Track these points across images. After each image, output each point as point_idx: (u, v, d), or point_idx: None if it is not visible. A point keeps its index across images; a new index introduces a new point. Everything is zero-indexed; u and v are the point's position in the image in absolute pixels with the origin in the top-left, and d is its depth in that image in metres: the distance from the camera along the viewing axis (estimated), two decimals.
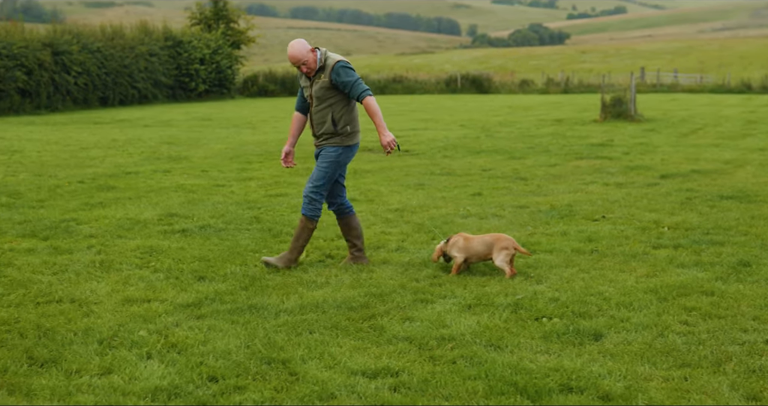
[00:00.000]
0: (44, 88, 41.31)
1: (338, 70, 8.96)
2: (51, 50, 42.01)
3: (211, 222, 11.68)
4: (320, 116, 9.12)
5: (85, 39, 44.46)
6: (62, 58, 42.45)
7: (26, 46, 40.67)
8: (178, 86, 50.46)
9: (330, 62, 9.01)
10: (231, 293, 8.20)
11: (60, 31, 44.02)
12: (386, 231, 10.99)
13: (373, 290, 8.21)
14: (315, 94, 9.09)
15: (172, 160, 19.24)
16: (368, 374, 6.15)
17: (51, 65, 41.69)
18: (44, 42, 42.10)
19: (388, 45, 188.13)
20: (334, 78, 8.98)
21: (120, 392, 5.82)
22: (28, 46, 40.79)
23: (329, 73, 8.98)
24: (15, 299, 8.08)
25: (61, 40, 42.80)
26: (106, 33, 46.81)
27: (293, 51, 8.97)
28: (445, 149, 20.41)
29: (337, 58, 9.07)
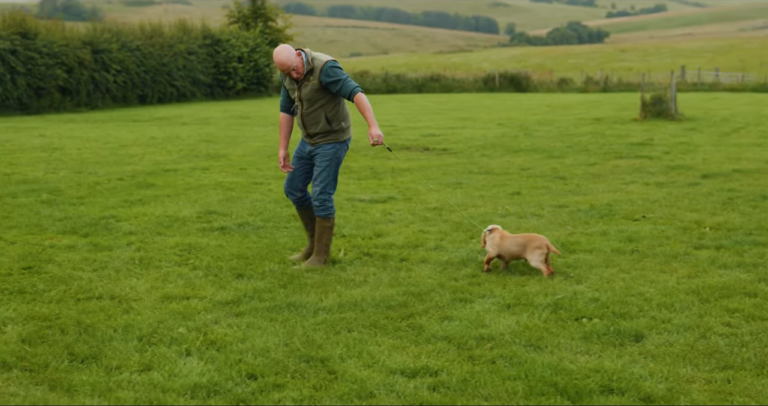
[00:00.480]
0: (84, 86, 41.58)
1: (327, 70, 8.94)
2: (91, 48, 42.28)
3: (250, 220, 11.71)
4: (313, 117, 9.12)
5: (125, 37, 44.70)
6: (102, 56, 42.72)
7: (66, 44, 40.96)
8: (216, 84, 50.62)
9: (318, 64, 8.97)
10: (269, 291, 8.21)
11: (100, 30, 44.27)
12: (424, 230, 10.96)
13: (411, 289, 8.19)
14: (305, 97, 9.06)
15: (210, 157, 19.30)
16: (407, 373, 6.13)
17: (91, 63, 41.97)
18: (84, 40, 42.37)
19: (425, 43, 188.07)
20: (324, 79, 8.95)
21: (159, 389, 5.84)
22: (69, 45, 41.08)
23: (318, 75, 8.95)
24: (56, 296, 8.13)
25: (101, 39, 43.06)
26: (145, 31, 47.02)
27: (281, 58, 8.86)
28: (483, 148, 20.35)
29: (324, 58, 9.04)
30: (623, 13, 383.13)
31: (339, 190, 14.10)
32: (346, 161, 18.02)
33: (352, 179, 15.43)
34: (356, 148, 20.41)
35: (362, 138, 23.02)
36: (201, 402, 5.67)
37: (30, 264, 9.40)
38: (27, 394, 5.79)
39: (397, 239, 10.38)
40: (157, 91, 46.08)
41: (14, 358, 6.44)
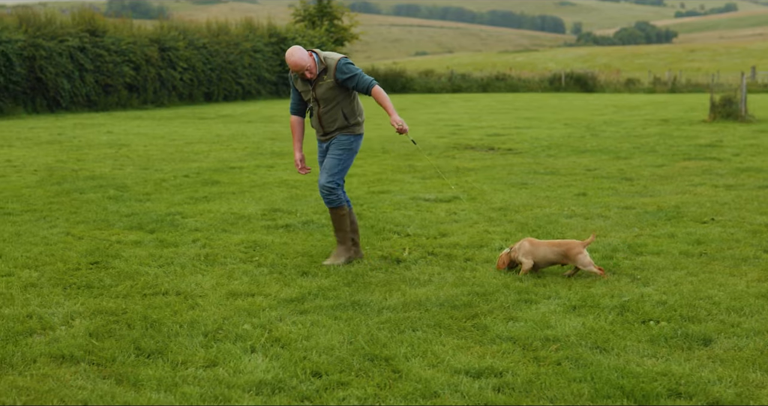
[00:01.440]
0: (151, 84, 42.03)
1: (341, 68, 8.94)
2: (158, 46, 42.72)
3: (314, 218, 11.73)
4: (330, 116, 9.12)
5: (191, 35, 45.10)
6: (168, 54, 43.14)
7: (134, 42, 41.43)
8: (282, 82, 50.86)
9: (331, 62, 8.96)
10: (334, 289, 8.21)
11: (167, 28, 44.72)
12: (489, 230, 10.89)
13: (476, 289, 8.14)
14: (321, 97, 9.04)
15: (275, 155, 19.39)
16: (472, 373, 6.09)
17: (158, 61, 42.40)
18: (151, 38, 42.82)
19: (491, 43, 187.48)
20: (339, 76, 8.94)
21: (225, 385, 5.86)
22: (136, 42, 41.54)
23: (333, 73, 8.95)
24: (122, 291, 8.21)
25: (168, 37, 43.49)
26: (212, 29, 47.40)
27: (296, 59, 8.81)
28: (549, 148, 20.21)
29: (336, 56, 9.03)
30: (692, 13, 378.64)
31: (404, 189, 14.09)
32: (411, 160, 18.00)
33: (417, 178, 15.40)
34: (421, 147, 20.38)
35: (426, 137, 22.98)
36: (266, 399, 5.68)
37: (97, 259, 9.51)
38: (94, 387, 5.84)
39: (462, 239, 10.34)
40: (222, 88, 46.43)
41: (82, 351, 6.51)
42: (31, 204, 13.02)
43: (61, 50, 37.98)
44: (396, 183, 14.86)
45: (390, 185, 14.61)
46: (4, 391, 5.77)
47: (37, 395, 5.70)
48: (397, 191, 13.93)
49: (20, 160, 18.61)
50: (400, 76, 56.54)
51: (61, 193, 14.00)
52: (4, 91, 36.03)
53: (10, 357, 6.38)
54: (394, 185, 14.61)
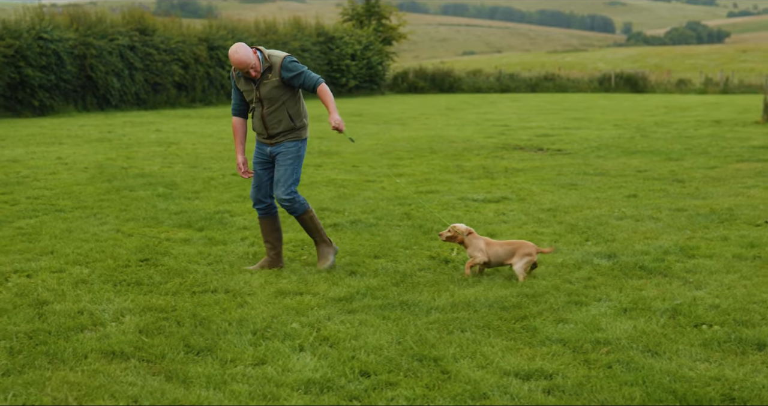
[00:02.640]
0: (199, 82, 42.25)
1: (287, 65, 8.68)
2: (206, 45, 42.93)
3: (362, 217, 11.72)
4: (275, 117, 8.82)
5: (240, 34, 45.27)
6: (217, 52, 43.34)
7: (183, 41, 41.67)
8: (329, 81, 50.88)
9: (276, 60, 8.69)
10: (382, 289, 8.19)
11: (215, 27, 44.92)
12: (538, 231, 10.82)
13: (525, 291, 8.08)
14: (266, 96, 8.75)
15: (323, 154, 19.42)
16: (521, 375, 6.05)
17: (206, 60, 42.61)
18: (200, 37, 43.04)
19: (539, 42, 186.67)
20: (285, 75, 8.67)
21: (273, 383, 5.87)
22: (185, 41, 41.78)
23: (278, 72, 8.67)
24: (172, 288, 8.25)
25: (217, 36, 43.69)
26: (260, 28, 47.57)
27: (240, 56, 8.50)
28: (599, 149, 20.05)
29: (281, 54, 8.75)
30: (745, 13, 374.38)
31: (451, 189, 14.05)
32: (459, 160, 17.95)
33: (465, 178, 15.35)
34: (469, 147, 20.33)
35: (474, 137, 22.92)
36: (314, 398, 5.68)
37: (147, 256, 9.56)
38: (144, 384, 5.87)
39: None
40: None
41: (132, 348, 6.54)
42: (82, 201, 13.13)
43: (111, 49, 38.29)
44: (444, 183, 14.82)
45: (438, 185, 14.56)
46: (56, 386, 5.81)
47: (88, 391, 5.74)
48: (445, 191, 13.88)
49: (71, 158, 18.78)
50: (447, 76, 56.39)
51: (111, 191, 14.11)
52: (56, 89, 36.39)
53: (61, 353, 6.43)
54: (442, 185, 14.56)
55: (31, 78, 35.04)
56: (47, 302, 7.78)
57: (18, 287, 8.25)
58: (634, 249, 9.72)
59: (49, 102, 35.97)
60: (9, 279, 8.58)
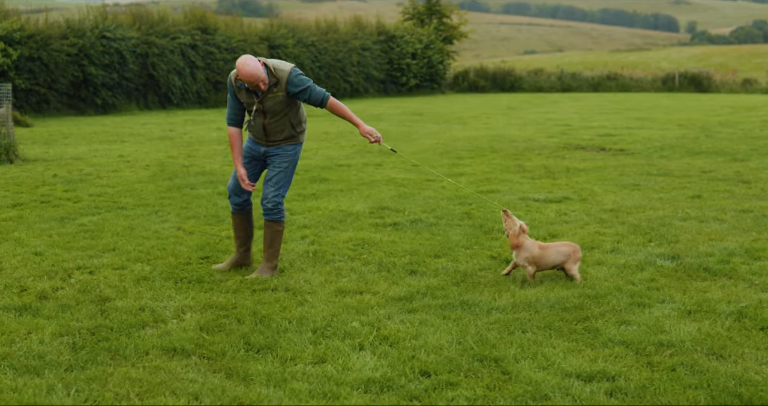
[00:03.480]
0: None
1: (293, 80, 8.40)
2: (267, 44, 43.17)
3: (422, 216, 11.68)
4: (276, 126, 8.61)
5: (300, 33, 45.46)
6: (278, 51, 43.55)
7: (244, 39, 41.93)
8: (389, 80, 50.98)
9: (282, 74, 8.40)
10: (442, 289, 8.15)
11: (276, 26, 45.17)
12: (600, 231, 10.71)
13: (587, 292, 8.00)
14: (270, 109, 8.50)
15: (383, 153, 19.39)
16: (583, 376, 5.98)
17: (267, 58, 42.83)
18: (261, 36, 43.29)
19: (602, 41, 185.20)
20: (291, 90, 8.43)
21: (333, 382, 5.86)
22: (246, 40, 42.04)
23: (285, 87, 8.42)
24: (232, 286, 8.28)
25: (277, 34, 43.91)
26: (321, 27, 47.71)
27: (251, 70, 8.19)
28: (662, 149, 19.81)
29: (286, 68, 8.45)
30: None
31: (512, 189, 13.96)
32: (520, 160, 17.84)
33: (526, 178, 15.24)
34: (530, 147, 20.21)
35: (535, 137, 22.77)
36: (374, 397, 5.66)
37: (207, 254, 9.61)
38: (205, 381, 5.89)
39: (572, 240, 10.17)
40: (330, 86, 46.69)
41: (193, 345, 6.57)
42: (144, 199, 13.24)
43: (172, 47, 38.65)
44: (505, 183, 14.73)
45: (499, 185, 14.48)
46: (118, 382, 5.85)
47: (150, 387, 5.77)
48: (506, 191, 13.79)
49: (133, 156, 18.96)
50: (509, 75, 56.17)
51: (172, 189, 14.21)
52: (118, 87, 36.81)
53: (123, 349, 6.47)
54: (503, 185, 14.47)
55: (94, 76, 35.48)
56: (109, 298, 7.85)
57: (81, 284, 8.33)
58: (698, 251, 9.58)
59: (111, 100, 36.40)
60: (72, 276, 8.67)
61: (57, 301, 7.76)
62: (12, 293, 8.01)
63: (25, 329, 6.98)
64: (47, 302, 7.75)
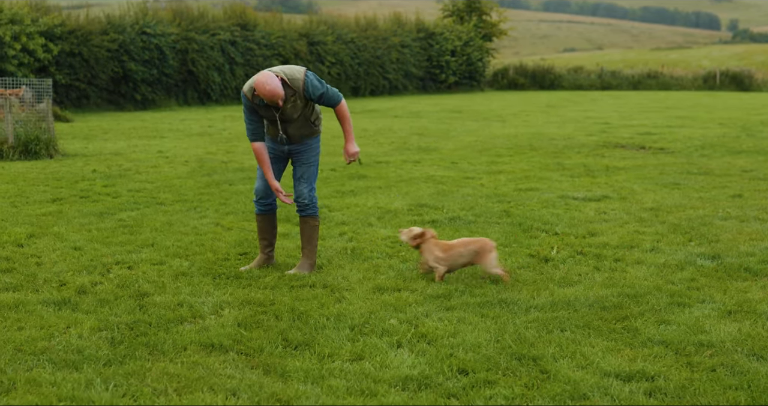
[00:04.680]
0: None
1: (309, 87, 8.30)
2: (307, 40, 43.27)
3: (461, 214, 11.64)
4: (298, 128, 8.55)
5: (340, 30, 45.53)
6: (317, 48, 43.64)
7: (284, 36, 42.05)
8: (428, 78, 50.95)
9: (298, 84, 8.28)
10: (480, 287, 8.12)
11: (316, 22, 45.27)
12: (640, 230, 10.62)
13: (626, 291, 7.93)
14: (289, 118, 8.45)
15: (421, 150, 19.38)
16: (622, 376, 5.93)
17: (306, 55, 42.93)
18: (300, 32, 43.41)
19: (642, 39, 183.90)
20: (310, 96, 8.35)
21: (371, 379, 5.84)
22: (286, 36, 42.16)
23: (303, 94, 8.34)
24: (271, 282, 8.28)
25: (317, 31, 44.00)
26: (360, 24, 47.76)
27: (272, 89, 8.09)
28: (703, 148, 19.64)
29: (299, 76, 8.30)
30: None
31: (551, 187, 13.89)
32: (559, 158, 17.76)
33: (565, 176, 15.16)
34: (570, 145, 20.11)
35: (575, 135, 22.65)
36: (412, 394, 5.64)
37: (246, 250, 9.63)
38: (243, 377, 5.90)
39: (612, 239, 10.11)
40: (369, 83, 46.75)
41: (230, 341, 6.58)
42: (182, 194, 13.29)
43: (212, 44, 38.82)
44: (544, 181, 14.65)
45: (538, 183, 14.41)
46: (156, 377, 5.87)
47: (188, 383, 5.78)
48: (545, 189, 13.72)
49: (172, 152, 19.06)
50: (548, 73, 55.97)
51: (210, 185, 14.26)
52: (158, 83, 37.02)
53: (161, 344, 6.50)
54: (542, 183, 14.40)
55: (134, 72, 35.71)
56: (148, 293, 7.89)
57: (119, 279, 8.37)
58: (738, 250, 9.48)
59: (151, 96, 36.62)
60: (111, 270, 8.71)
61: (96, 295, 7.81)
62: (51, 288, 8.06)
63: (64, 323, 7.03)
64: (86, 296, 7.80)
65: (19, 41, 31.89)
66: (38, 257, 9.29)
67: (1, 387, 5.69)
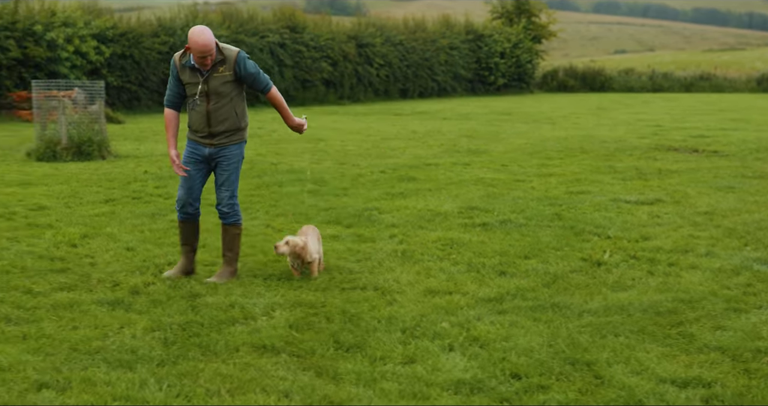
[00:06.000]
0: (348, 80, 42.64)
1: (241, 61, 8.11)
2: (355, 42, 43.32)
3: (512, 217, 11.58)
4: (222, 113, 8.22)
5: (388, 32, 45.53)
6: (366, 50, 43.67)
7: (332, 38, 42.13)
8: (477, 80, 50.80)
9: (230, 53, 8.10)
10: (533, 290, 8.06)
11: (364, 24, 45.31)
12: (694, 235, 10.49)
13: (681, 296, 7.83)
14: (214, 91, 8.13)
15: (471, 153, 19.31)
16: (678, 382, 5.85)
17: (355, 57, 42.98)
18: (349, 34, 43.46)
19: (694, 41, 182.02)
20: (239, 71, 8.12)
21: (423, 382, 5.81)
22: (334, 39, 42.24)
23: (233, 66, 8.10)
24: (321, 284, 8.28)
25: (366, 33, 44.04)
26: (409, 26, 47.72)
27: (206, 39, 7.88)
28: (758, 151, 19.37)
29: (234, 48, 8.18)
30: None
31: (603, 190, 13.77)
32: (610, 161, 17.62)
33: (617, 179, 15.02)
34: (621, 148, 19.95)
35: (626, 137, 22.46)
36: (464, 398, 5.60)
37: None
38: (295, 379, 5.89)
39: (665, 243, 9.99)
40: (418, 85, 46.71)
41: (282, 342, 6.58)
42: None
43: (261, 46, 38.97)
44: (596, 184, 14.53)
45: (589, 186, 14.29)
46: (209, 378, 5.88)
47: (240, 384, 5.79)
48: (596, 192, 13.60)
49: None
50: (598, 75, 55.61)
51: (261, 186, 14.30)
52: None
53: (214, 345, 6.51)
54: (594, 186, 14.28)
55: None
56: (200, 294, 7.91)
57: (172, 280, 8.40)
58: None
59: None
60: (163, 271, 8.75)
61: (149, 296, 7.85)
62: (105, 288, 8.12)
63: (117, 323, 7.07)
64: (139, 297, 7.84)
65: (72, 44, 32.21)
66: (92, 257, 9.37)
67: (57, 386, 5.73)
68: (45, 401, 5.50)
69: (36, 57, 31.56)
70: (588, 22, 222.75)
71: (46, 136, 18.15)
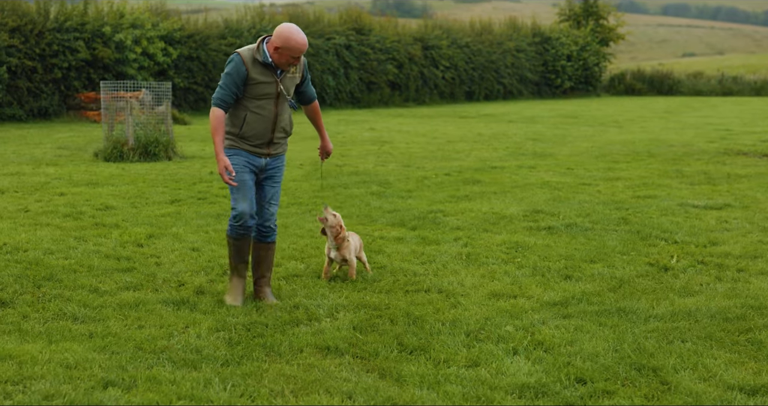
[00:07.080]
0: (413, 82, 42.62)
1: (306, 65, 7.73)
2: (421, 45, 43.28)
3: (578, 221, 11.48)
4: (284, 118, 7.67)
5: (455, 34, 45.44)
6: (431, 52, 43.62)
7: (398, 40, 42.14)
8: (543, 82, 50.49)
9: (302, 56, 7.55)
10: (598, 295, 7.98)
11: (430, 26, 45.27)
12: (764, 240, 10.32)
13: (750, 302, 7.71)
14: (287, 92, 7.58)
15: (537, 156, 19.21)
16: (746, 390, 5.76)
17: (420, 59, 42.95)
18: (415, 36, 43.43)
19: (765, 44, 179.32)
20: (304, 73, 7.74)
21: (487, 386, 5.78)
22: (400, 41, 42.24)
23: (302, 68, 7.65)
24: (385, 286, 8.27)
25: (432, 35, 43.99)
26: (475, 28, 47.59)
27: (305, 38, 7.31)
28: None
29: None
30: None
31: (671, 195, 13.62)
32: (678, 165, 17.42)
33: (685, 184, 14.84)
34: (689, 152, 19.71)
35: (694, 141, 22.18)
36: (528, 402, 5.56)
37: None
38: (358, 380, 5.89)
39: (734, 249, 9.84)
40: (484, 88, 46.54)
41: (346, 344, 6.59)
42: (298, 197, 13.39)
43: (327, 48, 39.09)
44: (662, 188, 14.36)
45: (656, 190, 14.13)
46: (273, 378, 5.91)
47: (304, 385, 5.80)
48: (663, 196, 13.45)
49: (287, 155, 19.21)
50: (666, 78, 54.98)
51: (325, 188, 14.34)
52: None
53: (278, 346, 6.54)
54: (661, 190, 14.12)
55: None
56: None
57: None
58: None
59: None
60: (227, 272, 8.79)
61: (213, 296, 7.90)
62: (170, 287, 8.19)
63: (182, 322, 7.13)
64: (204, 297, 7.90)
65: (139, 45, 32.56)
66: (157, 257, 9.46)
67: (122, 384, 5.79)
68: (111, 399, 5.56)
69: (104, 58, 31.93)
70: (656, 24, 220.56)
71: (113, 137, 18.37)
